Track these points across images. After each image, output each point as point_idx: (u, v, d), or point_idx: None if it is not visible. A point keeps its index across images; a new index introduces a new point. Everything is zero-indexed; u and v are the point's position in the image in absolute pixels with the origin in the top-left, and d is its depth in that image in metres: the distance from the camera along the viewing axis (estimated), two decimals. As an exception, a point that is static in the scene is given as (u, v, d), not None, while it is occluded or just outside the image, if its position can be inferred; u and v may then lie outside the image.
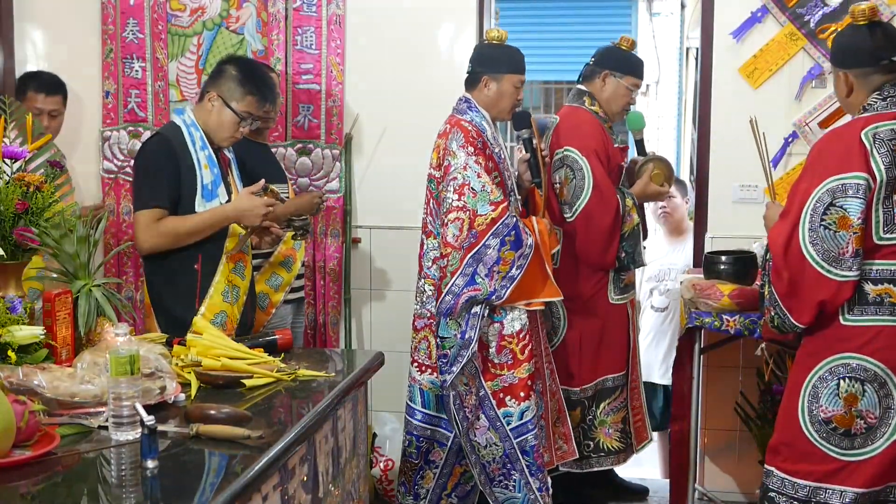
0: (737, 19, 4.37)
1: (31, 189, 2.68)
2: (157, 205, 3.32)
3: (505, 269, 3.65)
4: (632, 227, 4.12)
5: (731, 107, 4.41)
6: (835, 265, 2.87)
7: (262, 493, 2.12)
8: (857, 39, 3.03)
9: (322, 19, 4.59)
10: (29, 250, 2.71)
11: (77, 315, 2.67)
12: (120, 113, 4.77)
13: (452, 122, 3.78)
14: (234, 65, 3.51)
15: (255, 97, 3.45)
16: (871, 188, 2.84)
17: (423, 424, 3.94)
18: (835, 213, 2.86)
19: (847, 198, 2.85)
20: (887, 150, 2.84)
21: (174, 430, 2.27)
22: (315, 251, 4.66)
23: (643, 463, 5.69)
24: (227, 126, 3.44)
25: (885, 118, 2.90)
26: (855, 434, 2.92)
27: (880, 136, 2.87)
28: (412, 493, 3.99)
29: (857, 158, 2.86)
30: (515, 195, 3.92)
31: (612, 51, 4.26)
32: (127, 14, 4.69)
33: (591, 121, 4.18)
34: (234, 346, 2.89)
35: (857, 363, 2.91)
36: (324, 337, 4.70)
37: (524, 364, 3.74)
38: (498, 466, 3.80)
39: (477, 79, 3.84)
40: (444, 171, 3.74)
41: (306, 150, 4.63)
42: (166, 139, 3.38)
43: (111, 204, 4.76)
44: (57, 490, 1.96)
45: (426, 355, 3.89)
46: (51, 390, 2.27)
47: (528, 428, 3.75)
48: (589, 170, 4.03)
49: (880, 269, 2.89)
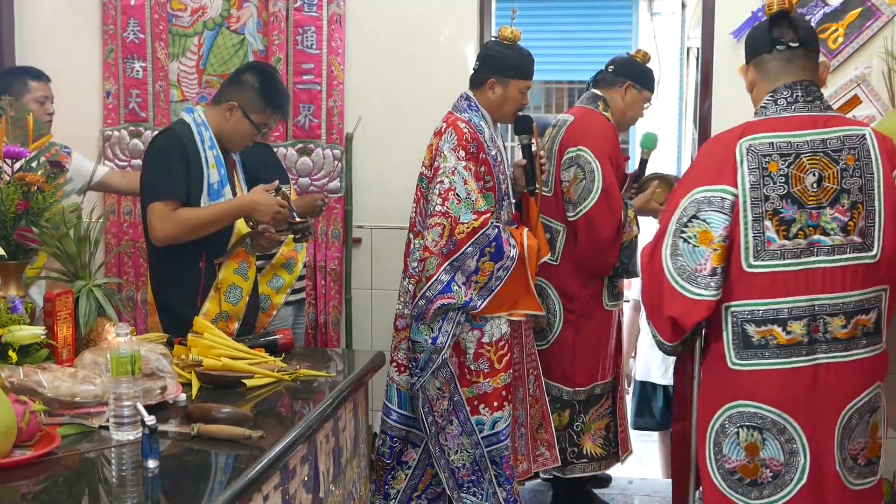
0: (737, 19, 4.36)
1: (32, 189, 2.68)
2: (172, 196, 3.29)
3: (483, 279, 3.60)
4: (630, 237, 4.11)
5: (732, 107, 4.39)
6: (689, 282, 2.69)
7: (263, 493, 2.13)
8: (760, 27, 2.82)
9: (323, 19, 4.58)
10: (29, 250, 2.72)
11: (78, 315, 2.67)
12: (121, 113, 4.77)
13: (449, 122, 3.72)
14: (255, 75, 3.48)
15: (275, 111, 3.48)
16: (735, 205, 2.65)
17: (399, 425, 3.90)
18: (696, 226, 2.68)
19: (711, 211, 2.66)
20: (757, 166, 2.64)
21: (175, 430, 2.27)
22: (316, 251, 4.66)
23: (644, 463, 5.69)
24: (244, 136, 3.46)
25: (766, 128, 2.69)
26: (762, 483, 2.74)
27: (754, 149, 2.66)
28: (381, 492, 3.94)
29: (728, 170, 2.67)
30: (510, 199, 3.87)
31: (634, 63, 4.25)
32: (128, 14, 4.69)
33: (607, 125, 4.16)
34: (235, 346, 2.90)
35: (753, 411, 2.71)
36: (324, 337, 4.69)
37: (501, 374, 3.69)
38: (467, 473, 3.76)
39: (483, 80, 3.77)
40: (433, 171, 3.70)
41: (307, 150, 4.63)
42: (177, 135, 3.37)
43: (112, 204, 4.76)
44: (58, 490, 1.96)
45: (405, 356, 3.84)
46: (52, 390, 2.27)
47: (500, 438, 3.70)
48: (600, 173, 3.99)
49: (760, 309, 2.68)
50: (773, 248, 2.66)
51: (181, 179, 3.31)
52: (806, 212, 2.65)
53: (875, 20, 4.20)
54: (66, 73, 4.68)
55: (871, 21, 4.21)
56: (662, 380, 5.19)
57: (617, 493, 4.67)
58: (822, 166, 2.64)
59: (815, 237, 2.65)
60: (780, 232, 2.65)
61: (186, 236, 3.31)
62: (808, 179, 2.64)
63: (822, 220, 2.65)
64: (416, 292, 3.69)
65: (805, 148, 2.66)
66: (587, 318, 4.16)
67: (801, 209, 2.65)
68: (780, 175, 2.65)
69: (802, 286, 2.65)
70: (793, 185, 2.65)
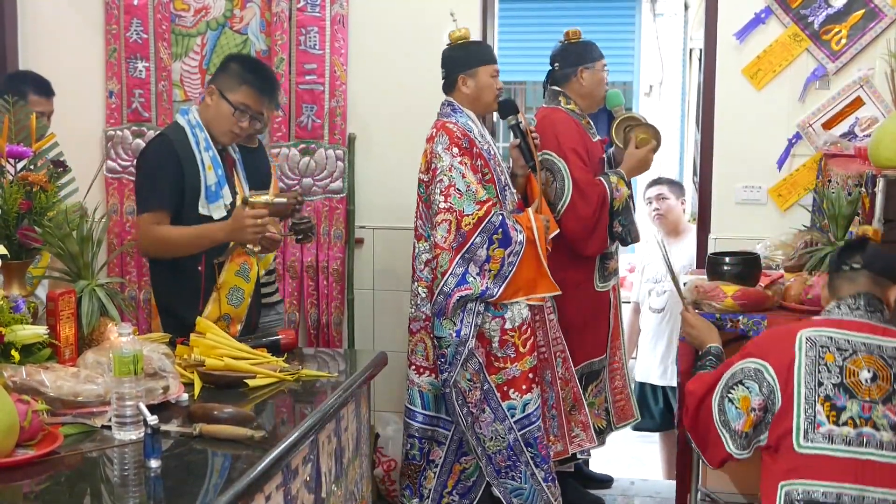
0: (740, 20, 4.36)
1: (35, 189, 2.69)
2: (157, 207, 3.31)
3: (496, 267, 3.70)
4: (622, 200, 4.18)
5: (735, 108, 4.40)
6: (729, 434, 2.86)
7: (265, 493, 2.13)
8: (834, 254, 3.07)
9: (326, 19, 4.58)
10: (32, 250, 2.72)
11: (80, 314, 2.67)
12: (123, 113, 4.76)
13: (438, 126, 3.83)
14: (235, 60, 3.51)
15: (251, 88, 3.39)
16: (776, 386, 2.77)
17: (425, 426, 3.96)
18: (741, 391, 2.83)
19: (754, 382, 2.80)
20: (815, 354, 2.75)
21: (177, 429, 2.28)
22: (318, 251, 4.66)
23: (645, 463, 5.70)
24: (224, 119, 3.38)
25: (827, 324, 2.83)
26: None
27: (813, 339, 2.77)
28: (417, 494, 4.01)
29: (782, 353, 2.79)
30: (511, 189, 3.95)
31: (572, 48, 4.33)
32: (131, 14, 4.69)
33: (566, 119, 4.24)
34: (237, 346, 2.90)
35: None
36: (327, 337, 4.69)
37: (526, 357, 3.77)
38: (504, 458, 3.82)
39: (453, 81, 3.90)
40: (431, 174, 3.78)
41: (310, 151, 4.63)
42: (168, 140, 3.37)
43: (114, 204, 4.76)
44: (60, 490, 1.96)
45: (423, 357, 3.93)
46: (54, 390, 2.27)
47: (531, 420, 3.79)
48: (567, 170, 4.11)
49: (811, 490, 2.69)
50: (823, 431, 2.72)
51: (168, 190, 3.31)
52: (858, 402, 2.73)
53: (878, 22, 4.20)
54: (69, 73, 4.69)
55: (875, 23, 4.21)
56: (661, 381, 5.20)
57: (618, 493, 4.67)
58: (878, 367, 2.74)
59: (864, 429, 2.71)
60: (829, 417, 2.72)
61: (160, 253, 3.37)
62: (863, 374, 2.74)
63: (873, 413, 2.72)
64: (432, 291, 3.76)
65: (862, 348, 2.77)
66: (577, 301, 4.21)
67: (853, 399, 2.73)
68: (835, 366, 2.75)
69: (851, 475, 2.70)
70: (847, 376, 2.74)
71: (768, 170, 4.38)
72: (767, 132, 4.36)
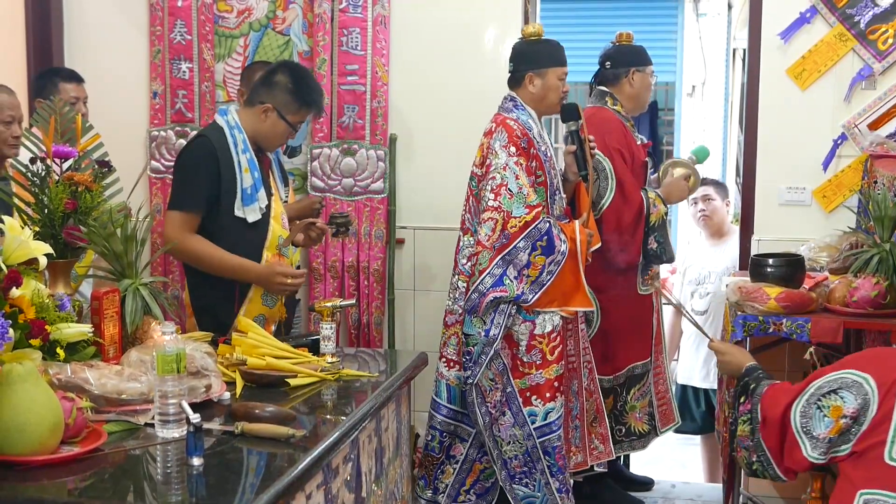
0: (785, 20, 4.32)
1: (81, 188, 2.72)
2: (188, 208, 3.36)
3: (535, 273, 3.67)
4: (659, 217, 4.17)
5: (779, 108, 4.36)
6: (809, 439, 2.78)
7: (306, 492, 2.13)
8: None
9: (367, 20, 4.60)
10: (77, 249, 2.75)
11: (124, 313, 2.69)
12: (167, 113, 4.81)
13: (498, 121, 3.78)
14: (287, 75, 3.48)
15: (310, 110, 3.49)
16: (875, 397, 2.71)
17: (448, 420, 3.95)
18: (833, 400, 2.75)
19: (849, 393, 2.72)
20: None
21: (219, 428, 2.29)
22: (359, 251, 4.67)
23: (687, 466, 5.66)
24: (280, 136, 3.49)
25: None
26: None
27: None
28: (432, 486, 4.00)
29: (884, 365, 2.74)
30: (560, 193, 3.92)
31: (625, 49, 4.34)
32: (175, 15, 4.73)
33: (614, 119, 4.25)
34: (279, 346, 2.91)
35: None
36: (367, 337, 4.71)
37: (553, 365, 3.73)
38: (519, 464, 3.79)
39: (521, 77, 3.85)
40: (485, 169, 3.75)
41: (351, 151, 4.64)
42: (208, 141, 3.40)
43: (158, 203, 4.80)
44: (104, 486, 1.98)
45: (454, 351, 3.91)
46: (98, 387, 2.29)
47: (552, 429, 3.74)
48: (612, 170, 4.09)
49: (891, 501, 2.66)
50: None
51: (203, 193, 3.36)
52: None
53: (926, 21, 4.15)
54: (113, 74, 4.74)
55: (922, 22, 4.16)
56: (703, 383, 5.16)
57: (659, 496, 4.64)
58: None
59: None
60: None
61: (190, 263, 3.44)
62: None
63: None
64: (468, 287, 3.73)
65: None
66: (620, 305, 4.20)
67: None
68: None
69: None
70: None
71: (813, 171, 4.33)
72: (812, 133, 4.31)
